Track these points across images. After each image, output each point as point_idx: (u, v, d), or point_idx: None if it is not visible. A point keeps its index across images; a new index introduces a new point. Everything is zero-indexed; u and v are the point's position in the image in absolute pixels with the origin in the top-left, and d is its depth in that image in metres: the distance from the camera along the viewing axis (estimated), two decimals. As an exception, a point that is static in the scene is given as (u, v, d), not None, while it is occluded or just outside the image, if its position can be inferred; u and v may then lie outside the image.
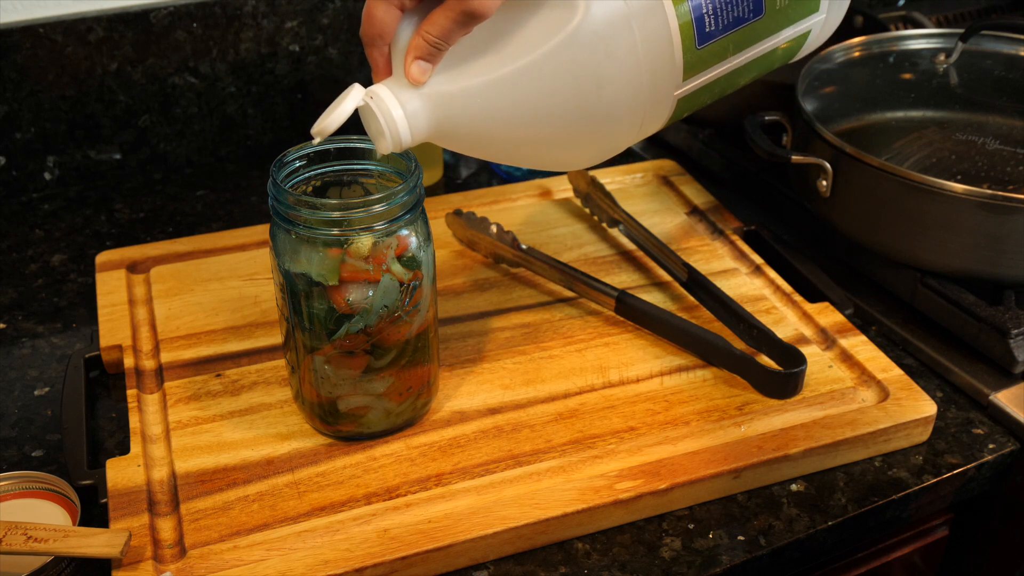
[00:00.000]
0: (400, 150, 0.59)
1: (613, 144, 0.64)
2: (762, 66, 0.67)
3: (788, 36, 0.66)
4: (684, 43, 0.60)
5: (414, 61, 0.57)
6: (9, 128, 0.95)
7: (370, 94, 0.58)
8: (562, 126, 0.59)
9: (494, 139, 0.60)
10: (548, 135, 0.60)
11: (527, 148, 0.62)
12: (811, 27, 0.67)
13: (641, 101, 0.60)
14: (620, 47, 0.57)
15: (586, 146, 0.63)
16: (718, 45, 0.62)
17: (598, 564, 0.62)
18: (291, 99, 1.05)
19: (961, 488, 0.71)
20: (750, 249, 0.87)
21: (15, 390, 0.75)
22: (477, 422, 0.69)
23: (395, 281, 0.61)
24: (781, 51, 0.67)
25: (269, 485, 0.64)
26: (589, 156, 0.64)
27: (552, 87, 0.57)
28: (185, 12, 0.97)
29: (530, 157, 0.64)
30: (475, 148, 0.62)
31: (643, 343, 0.76)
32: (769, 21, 0.64)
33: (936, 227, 0.76)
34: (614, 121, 0.61)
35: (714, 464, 0.65)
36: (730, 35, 0.62)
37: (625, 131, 0.62)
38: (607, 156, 0.65)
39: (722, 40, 0.62)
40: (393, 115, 0.57)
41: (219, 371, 0.73)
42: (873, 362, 0.74)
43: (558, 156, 0.64)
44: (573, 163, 0.65)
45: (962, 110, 0.86)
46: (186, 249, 0.86)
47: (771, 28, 0.64)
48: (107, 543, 0.58)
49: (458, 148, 0.62)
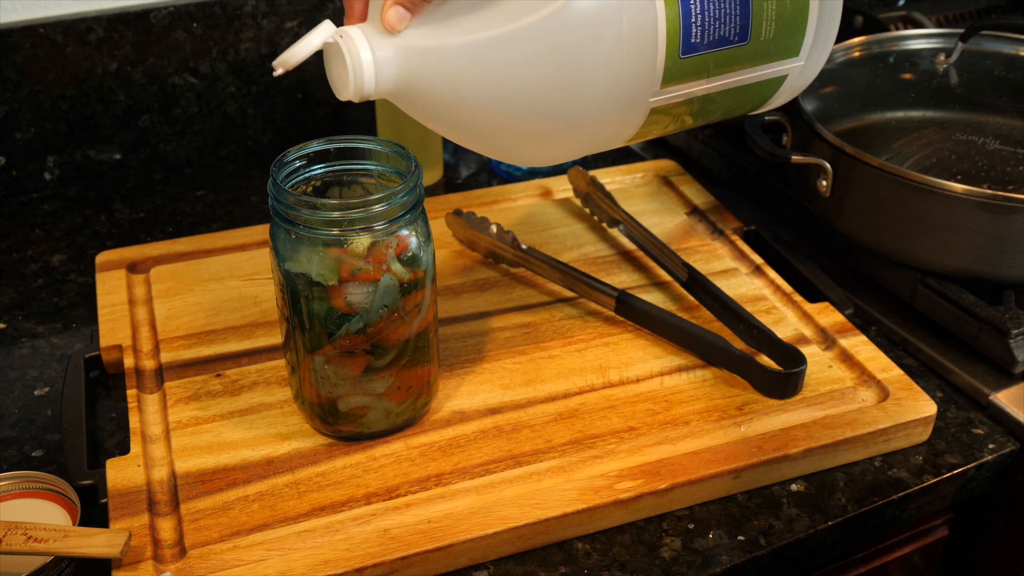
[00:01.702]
0: (360, 99, 0.56)
1: (575, 141, 0.62)
2: (734, 101, 0.67)
3: (766, 74, 0.65)
4: (669, 48, 0.59)
5: (393, 6, 0.54)
6: (9, 128, 0.95)
7: (340, 32, 0.56)
8: (530, 108, 0.58)
9: (459, 110, 0.58)
10: (512, 116, 0.58)
11: (485, 129, 0.60)
12: (789, 72, 0.67)
13: (616, 96, 0.59)
14: (607, 34, 0.56)
15: (547, 137, 0.61)
16: (700, 60, 0.61)
17: (598, 564, 0.62)
18: (291, 99, 1.05)
19: (961, 488, 0.71)
20: (750, 249, 0.87)
21: (15, 390, 0.75)
22: (477, 422, 0.69)
23: (395, 281, 0.61)
24: (755, 88, 0.66)
25: (269, 485, 0.64)
26: (547, 151, 0.62)
27: (530, 61, 0.56)
28: (185, 12, 0.97)
29: (483, 139, 0.61)
30: (435, 117, 0.59)
31: (643, 343, 0.76)
32: (751, 50, 0.63)
33: (936, 227, 0.76)
34: (584, 113, 0.59)
35: (714, 464, 0.65)
36: (713, 53, 0.61)
37: (591, 126, 0.61)
38: (566, 157, 0.63)
39: (704, 56, 0.61)
40: (361, 57, 0.55)
41: (219, 371, 0.73)
42: (873, 362, 0.74)
43: (512, 144, 0.62)
44: (523, 156, 0.63)
45: (962, 110, 0.86)
46: (186, 249, 0.86)
47: (752, 59, 0.64)
48: (107, 543, 0.58)
49: (417, 114, 0.59)
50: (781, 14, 0.63)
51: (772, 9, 0.62)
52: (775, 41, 0.64)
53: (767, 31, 0.63)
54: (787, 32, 0.64)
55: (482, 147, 0.63)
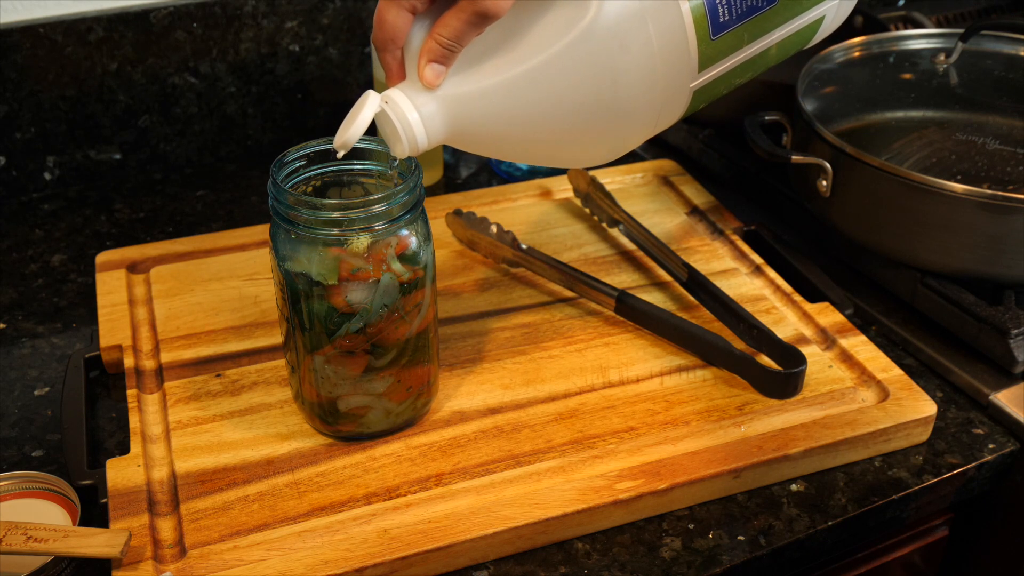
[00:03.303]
0: (417, 153, 0.59)
1: (629, 139, 0.63)
2: (779, 53, 0.67)
3: (802, 23, 0.66)
4: (699, 35, 0.60)
5: (428, 64, 0.57)
6: (9, 128, 0.95)
7: (385, 99, 0.58)
8: (578, 123, 0.59)
9: (509, 138, 0.60)
10: (564, 132, 0.60)
11: (543, 146, 0.62)
12: (825, 12, 0.67)
13: (657, 95, 0.60)
14: (634, 42, 0.57)
15: (601, 142, 0.62)
16: (733, 35, 0.61)
17: (598, 564, 0.62)
18: (291, 99, 1.05)
19: (961, 488, 0.71)
20: (750, 249, 0.87)
21: (15, 390, 0.75)
22: (477, 422, 0.69)
23: (395, 280, 0.61)
24: (795, 37, 0.67)
25: (269, 485, 0.64)
26: (604, 152, 0.64)
27: (567, 84, 0.57)
28: (185, 12, 0.97)
29: (546, 155, 0.64)
30: (491, 148, 0.62)
31: (643, 343, 0.76)
32: (783, 9, 0.63)
33: (936, 227, 0.76)
34: (630, 116, 0.60)
35: (714, 464, 0.65)
36: (744, 24, 0.62)
37: (641, 125, 0.62)
38: (623, 151, 0.65)
39: (736, 30, 0.61)
40: (409, 119, 0.57)
41: (219, 371, 0.73)
42: (873, 362, 0.74)
43: (574, 153, 0.64)
44: (588, 159, 0.65)
45: (962, 110, 0.86)
46: (186, 249, 0.86)
47: (785, 16, 0.64)
48: (107, 543, 0.58)
49: (474, 149, 0.62)
50: None
51: None
52: None
53: None
54: None
55: (541, 161, 0.65)
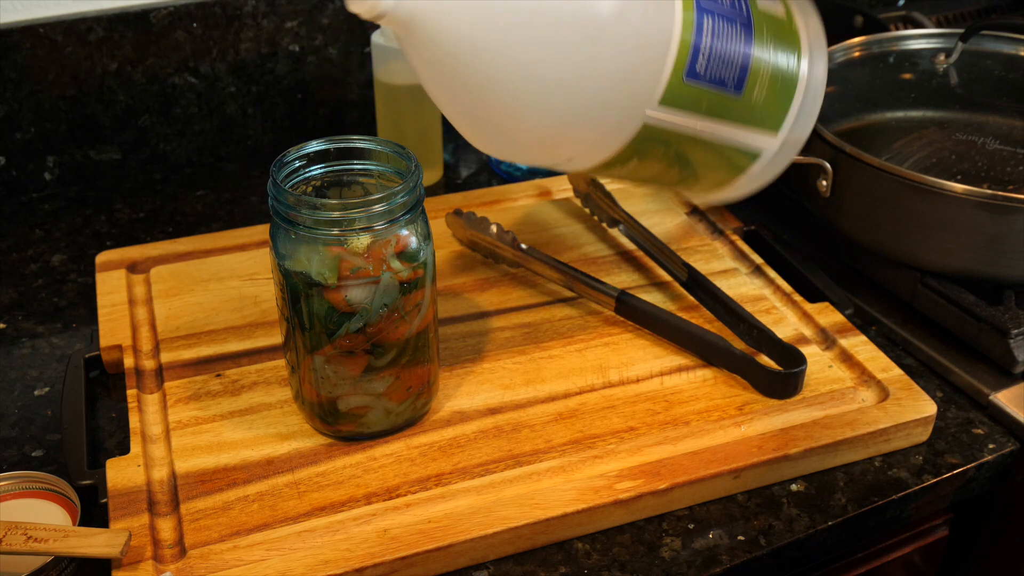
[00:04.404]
0: (372, 14, 0.55)
1: (561, 138, 0.62)
2: (708, 160, 0.67)
3: (744, 142, 0.66)
4: (676, 66, 0.60)
5: None
6: (9, 128, 0.95)
7: None
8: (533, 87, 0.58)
9: (462, 66, 0.57)
10: (511, 91, 0.58)
11: (479, 97, 0.59)
12: (762, 151, 0.67)
13: (617, 99, 0.60)
14: (630, 21, 0.57)
15: (537, 127, 0.61)
16: (697, 91, 0.62)
17: (598, 564, 0.62)
18: (291, 99, 1.05)
19: (961, 488, 0.71)
20: (750, 249, 0.87)
21: (15, 390, 0.75)
22: (477, 422, 0.69)
23: (395, 280, 0.61)
24: (730, 154, 0.67)
25: (269, 485, 0.64)
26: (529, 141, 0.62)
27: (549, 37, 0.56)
28: (185, 12, 0.97)
29: (471, 111, 0.61)
30: (434, 70, 0.59)
31: (643, 343, 0.76)
32: (741, 106, 0.64)
33: (936, 227, 0.76)
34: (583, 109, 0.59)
35: (714, 464, 0.65)
36: (709, 90, 0.62)
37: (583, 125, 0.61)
38: (543, 155, 0.64)
39: (702, 89, 0.62)
40: None
41: (219, 371, 0.73)
42: (873, 362, 0.74)
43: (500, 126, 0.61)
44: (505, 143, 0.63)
45: (962, 110, 0.86)
46: (186, 249, 0.86)
47: (738, 116, 0.65)
48: (107, 543, 0.58)
49: (417, 62, 0.59)
50: (773, 84, 0.65)
51: (767, 75, 0.64)
52: (763, 107, 0.65)
53: (759, 93, 0.64)
54: (774, 102, 0.66)
55: (462, 118, 0.63)
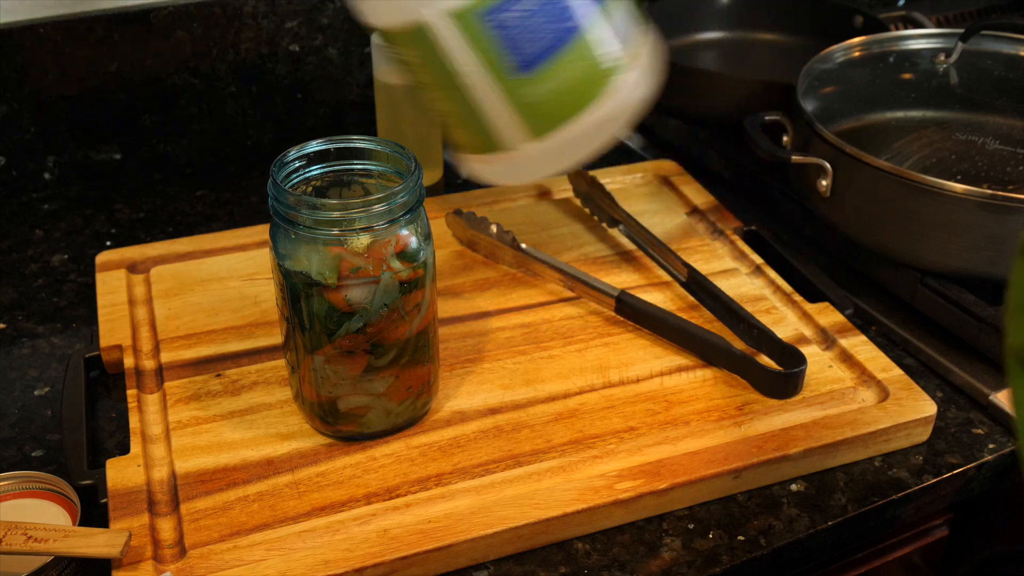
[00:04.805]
0: None
1: None
2: (452, 112, 0.70)
3: (496, 122, 0.69)
4: None
5: None
6: (9, 128, 0.95)
7: None
8: None
9: None
10: None
11: None
12: (513, 144, 0.70)
13: None
14: None
15: None
16: (486, 35, 0.65)
17: (598, 564, 0.62)
18: (291, 99, 1.05)
19: (961, 488, 0.71)
20: (750, 249, 0.87)
21: (15, 390, 0.75)
22: (477, 422, 0.69)
23: (395, 280, 0.61)
24: (472, 125, 0.70)
25: (269, 485, 0.64)
26: None
27: None
28: (185, 12, 0.97)
29: None
30: None
31: (643, 343, 0.76)
32: (515, 86, 0.67)
33: (936, 227, 0.76)
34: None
35: (714, 464, 0.65)
36: (498, 44, 0.65)
37: None
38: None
39: (492, 37, 0.65)
40: None
41: (219, 371, 0.73)
42: (873, 362, 0.74)
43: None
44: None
45: (962, 110, 0.86)
46: (186, 249, 0.86)
47: (507, 92, 0.67)
48: (107, 543, 0.58)
49: None
50: (560, 97, 0.68)
51: (560, 84, 0.68)
52: (537, 107, 0.68)
53: (541, 91, 0.68)
54: (551, 113, 0.69)
55: None
